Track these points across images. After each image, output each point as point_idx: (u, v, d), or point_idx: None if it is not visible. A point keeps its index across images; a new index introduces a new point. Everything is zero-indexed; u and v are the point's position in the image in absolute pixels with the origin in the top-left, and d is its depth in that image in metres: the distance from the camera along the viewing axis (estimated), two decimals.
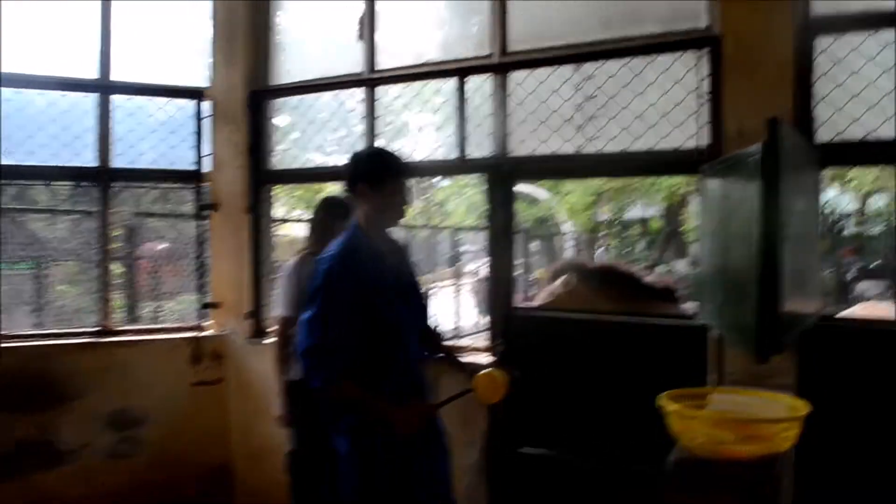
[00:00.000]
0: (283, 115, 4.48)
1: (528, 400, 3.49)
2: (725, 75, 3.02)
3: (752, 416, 2.08)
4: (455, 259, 12.36)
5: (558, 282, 4.20)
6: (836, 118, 2.89)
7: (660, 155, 3.24)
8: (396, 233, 2.85)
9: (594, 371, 3.35)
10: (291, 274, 3.46)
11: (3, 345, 3.92)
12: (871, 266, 16.60)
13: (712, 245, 2.82)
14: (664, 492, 2.14)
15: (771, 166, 2.08)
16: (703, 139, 3.12)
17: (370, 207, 2.64)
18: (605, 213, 19.09)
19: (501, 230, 3.64)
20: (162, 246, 4.97)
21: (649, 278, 4.48)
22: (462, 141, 3.72)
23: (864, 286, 15.44)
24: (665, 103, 3.22)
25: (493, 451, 3.59)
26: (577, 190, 16.59)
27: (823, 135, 2.92)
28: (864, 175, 15.17)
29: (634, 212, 20.33)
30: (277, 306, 3.51)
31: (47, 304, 4.47)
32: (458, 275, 12.03)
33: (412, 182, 2.73)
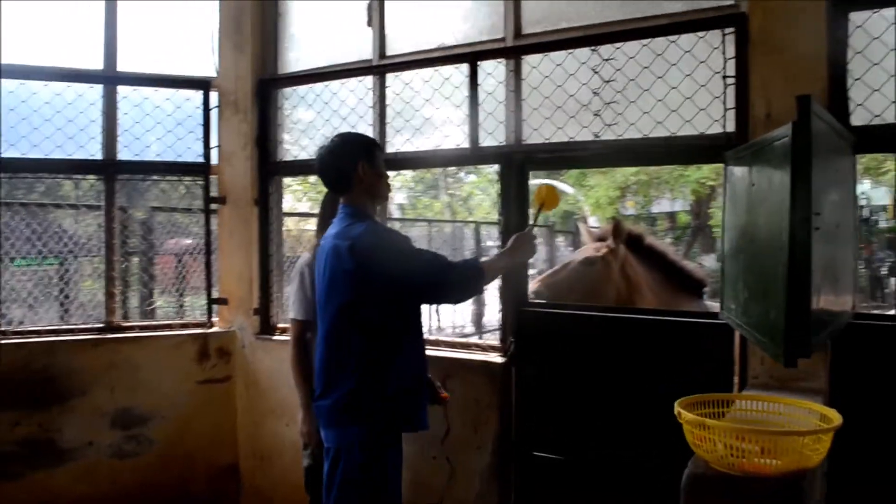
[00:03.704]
0: (289, 104, 4.35)
1: (541, 401, 3.33)
2: (753, 55, 2.81)
3: (777, 427, 1.89)
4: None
5: (609, 240, 4.25)
6: (872, 100, 2.67)
7: (683, 141, 3.04)
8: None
9: (611, 371, 3.17)
10: (303, 273, 3.15)
11: (5, 341, 3.83)
12: None
13: (737, 237, 2.62)
14: None
15: (801, 148, 1.88)
16: (729, 124, 2.92)
17: (366, 190, 2.66)
18: (631, 208, 18.84)
19: (515, 222, 3.46)
20: (170, 241, 4.88)
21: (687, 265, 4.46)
22: (474, 129, 3.55)
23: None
24: (688, 86, 3.02)
25: (506, 454, 3.43)
26: (603, 183, 16.34)
27: (858, 118, 2.70)
28: None
29: (661, 205, 20.02)
30: (290, 308, 3.22)
31: (49, 300, 4.38)
32: None
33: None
